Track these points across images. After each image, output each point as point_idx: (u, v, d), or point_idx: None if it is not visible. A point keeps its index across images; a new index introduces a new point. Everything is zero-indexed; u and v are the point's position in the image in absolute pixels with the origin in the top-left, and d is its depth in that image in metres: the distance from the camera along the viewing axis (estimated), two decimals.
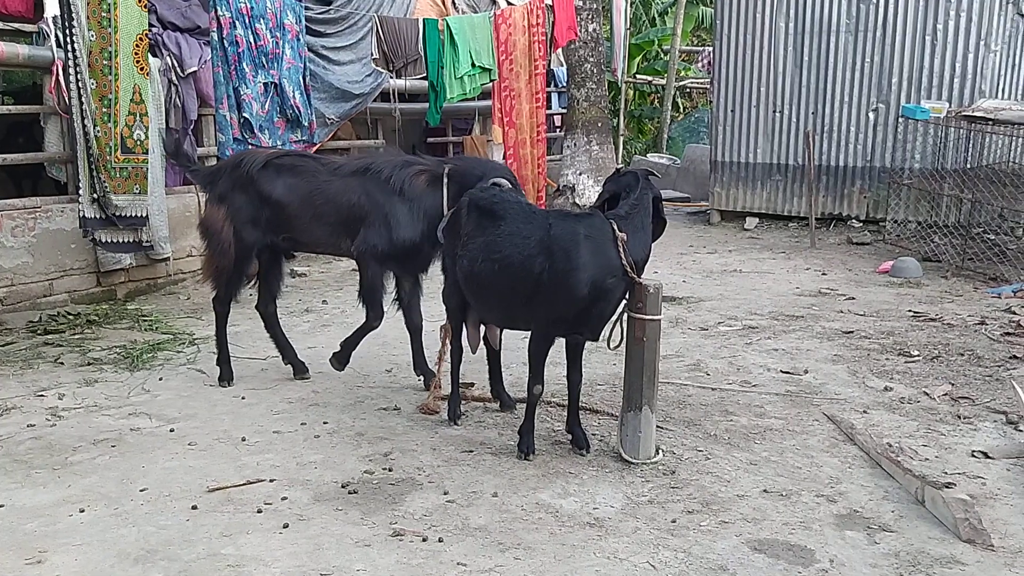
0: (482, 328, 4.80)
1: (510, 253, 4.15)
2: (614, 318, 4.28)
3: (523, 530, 3.57)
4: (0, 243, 7.09)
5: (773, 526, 3.61)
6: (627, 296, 4.21)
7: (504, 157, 11.14)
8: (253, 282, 5.78)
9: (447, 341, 4.99)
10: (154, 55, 7.92)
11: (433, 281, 5.30)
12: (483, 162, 5.73)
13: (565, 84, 13.09)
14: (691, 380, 5.51)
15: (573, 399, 4.40)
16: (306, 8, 8.95)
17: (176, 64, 8.31)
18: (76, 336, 6.67)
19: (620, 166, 4.44)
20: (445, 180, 5.03)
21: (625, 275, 4.07)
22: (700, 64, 20.94)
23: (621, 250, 4.04)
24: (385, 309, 5.39)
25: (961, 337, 6.34)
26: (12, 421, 4.86)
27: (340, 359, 5.45)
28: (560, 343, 4.34)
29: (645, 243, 4.24)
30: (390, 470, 4.16)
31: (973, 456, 4.29)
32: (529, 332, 4.35)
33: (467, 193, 4.54)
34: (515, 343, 5.17)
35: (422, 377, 5.46)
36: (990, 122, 8.92)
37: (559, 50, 12.30)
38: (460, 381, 4.89)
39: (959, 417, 4.81)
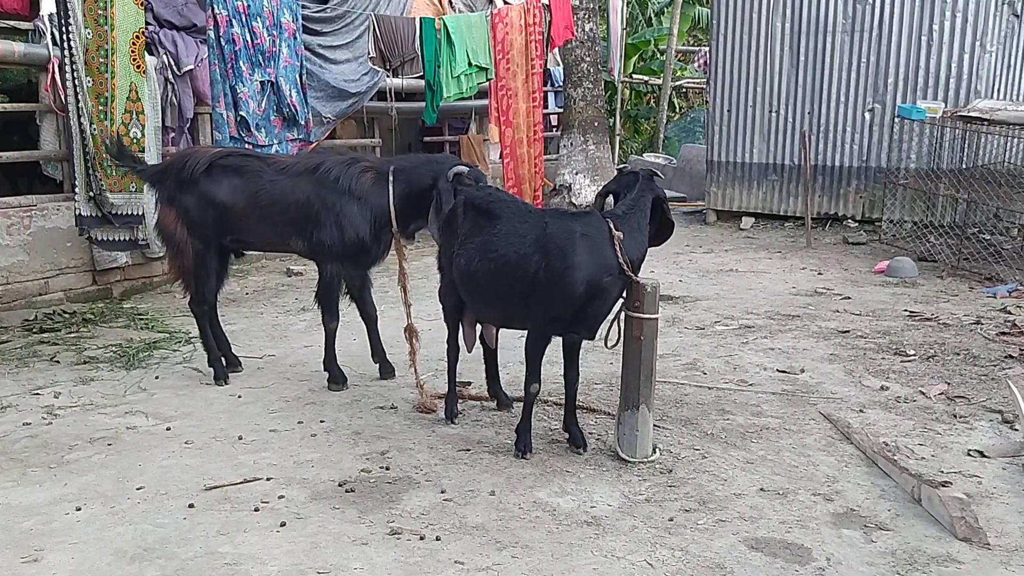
0: (478, 327, 4.80)
1: (506, 252, 4.15)
2: (611, 317, 4.29)
3: (520, 528, 3.57)
4: None
5: (770, 524, 3.61)
6: (623, 295, 4.21)
7: (501, 156, 11.15)
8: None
9: (414, 341, 5.14)
10: (151, 53, 7.90)
11: (430, 280, 5.31)
12: (432, 158, 5.72)
13: (562, 83, 13.09)
14: (688, 379, 5.51)
15: (570, 398, 4.40)
16: (303, 6, 8.94)
17: (172, 62, 8.30)
18: (72, 335, 6.65)
19: (624, 165, 4.42)
20: (391, 178, 5.05)
21: (621, 274, 4.07)
22: (696, 64, 20.96)
23: (618, 249, 4.04)
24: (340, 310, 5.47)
25: (957, 336, 6.35)
26: (8, 419, 4.85)
27: (335, 380, 5.41)
28: (557, 342, 4.34)
29: (641, 243, 4.23)
30: (387, 468, 4.16)
31: (969, 455, 4.30)
32: (525, 331, 4.35)
33: (463, 192, 4.54)
34: (512, 342, 5.17)
35: (379, 364, 5.59)
36: (985, 122, 8.94)
37: (556, 49, 12.31)
38: (457, 380, 4.89)
39: (955, 416, 4.82)
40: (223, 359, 5.66)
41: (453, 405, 4.81)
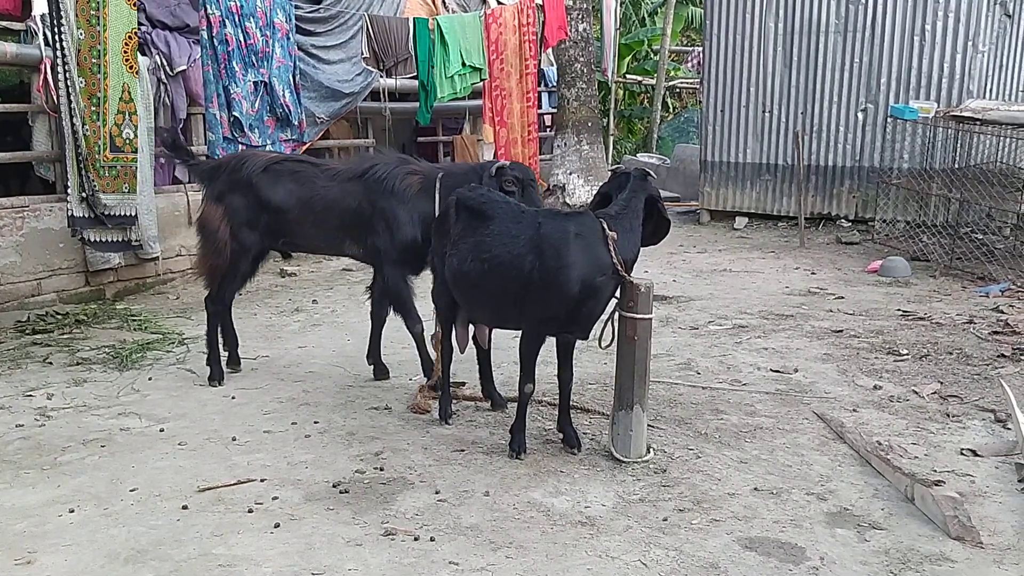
0: (471, 328, 4.80)
1: (500, 252, 4.15)
2: (604, 317, 4.29)
3: (515, 529, 3.57)
4: None
5: (764, 524, 3.62)
6: (617, 295, 4.22)
7: (495, 156, 11.14)
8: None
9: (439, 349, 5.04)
10: (143, 53, 7.89)
11: (426, 281, 5.30)
12: (479, 165, 5.68)
13: (555, 84, 13.10)
14: (682, 379, 5.52)
15: (564, 398, 4.40)
16: (296, 7, 8.93)
17: (165, 63, 8.29)
18: (65, 336, 6.64)
19: (618, 166, 4.40)
20: (438, 184, 5.03)
21: (615, 274, 4.08)
22: (690, 64, 20.99)
23: (611, 249, 4.05)
24: (419, 310, 5.39)
25: (950, 336, 6.37)
26: (1, 421, 4.83)
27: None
28: (551, 342, 4.35)
29: (634, 243, 4.23)
30: (381, 469, 4.16)
31: (962, 454, 4.31)
32: (518, 331, 4.35)
33: (455, 192, 4.53)
34: (506, 342, 5.17)
35: (373, 366, 5.58)
36: (978, 122, 8.96)
37: (549, 50, 12.32)
38: (452, 380, 4.89)
39: (948, 415, 4.83)
40: (230, 355, 5.70)
41: (447, 406, 4.81)
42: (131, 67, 7.31)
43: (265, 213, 5.32)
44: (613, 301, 4.25)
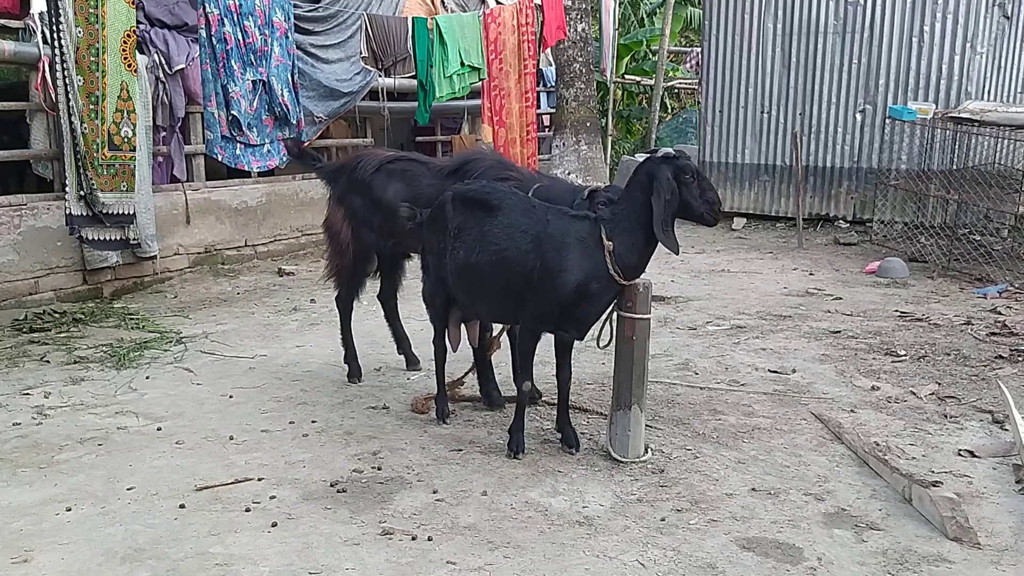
0: (463, 329, 4.80)
1: (507, 245, 4.11)
2: (603, 317, 4.28)
3: (513, 529, 3.57)
4: None
5: (761, 524, 3.62)
6: (616, 300, 4.19)
7: None
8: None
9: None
10: (142, 52, 7.88)
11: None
12: (579, 187, 5.15)
13: (554, 84, 13.09)
14: (680, 379, 5.52)
15: (562, 398, 4.39)
16: (295, 6, 8.92)
17: (164, 61, 8.28)
18: (62, 334, 6.63)
19: (654, 149, 4.09)
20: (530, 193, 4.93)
21: (612, 281, 4.05)
22: (688, 65, 20.98)
23: (608, 258, 4.01)
24: None
25: (947, 337, 6.37)
26: None
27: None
28: (548, 342, 4.34)
29: (634, 245, 4.03)
30: (379, 469, 4.15)
31: (960, 455, 4.31)
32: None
33: (451, 188, 4.51)
34: (506, 342, 5.16)
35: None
36: (976, 123, 8.97)
37: (548, 50, 12.31)
38: (449, 380, 4.89)
39: (946, 416, 4.83)
40: (406, 357, 5.71)
41: (444, 406, 4.80)
42: (130, 65, 7.31)
43: (378, 213, 5.24)
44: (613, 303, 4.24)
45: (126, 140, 7.35)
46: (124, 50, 7.23)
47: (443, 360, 4.80)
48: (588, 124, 12.30)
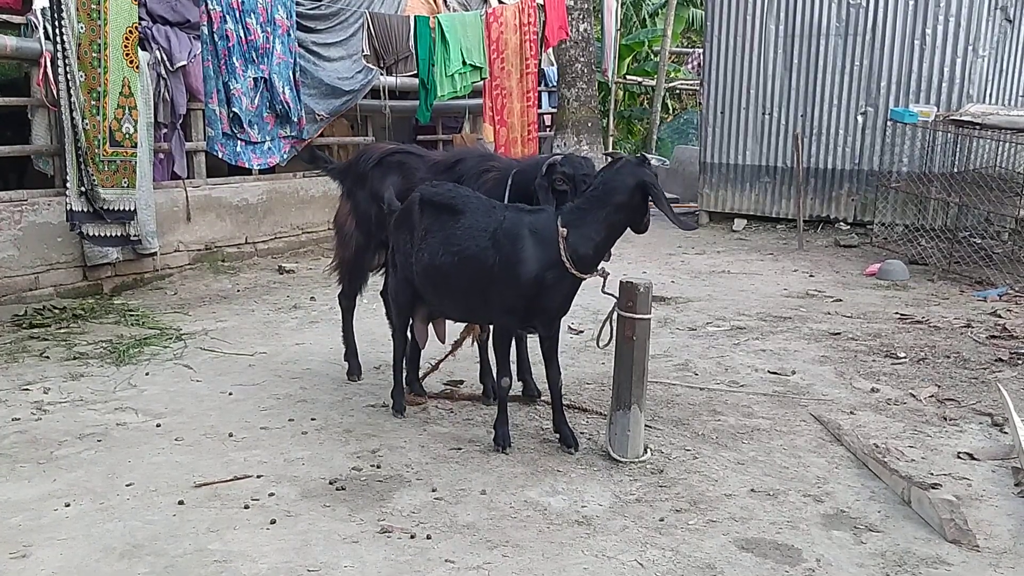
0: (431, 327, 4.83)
1: (468, 245, 4.21)
2: (603, 317, 4.29)
3: (511, 528, 3.57)
4: None
5: (760, 525, 3.62)
6: (575, 292, 4.22)
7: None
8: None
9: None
10: (144, 48, 7.87)
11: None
12: (540, 158, 5.31)
13: (555, 84, 13.10)
14: (679, 380, 5.52)
15: (555, 397, 4.40)
16: (297, 3, 8.92)
17: (165, 58, 8.27)
18: (62, 330, 6.62)
19: (614, 151, 4.19)
20: (509, 181, 4.93)
21: (566, 271, 4.08)
22: (690, 66, 21.00)
23: (561, 246, 4.05)
24: None
25: (947, 340, 6.37)
26: None
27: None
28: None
29: (590, 237, 4.06)
30: (378, 467, 4.15)
31: (959, 457, 4.31)
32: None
33: (418, 189, 4.55)
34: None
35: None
36: (977, 126, 8.96)
37: (550, 50, 12.32)
38: (449, 379, 4.89)
39: (945, 419, 4.83)
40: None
41: (400, 399, 4.87)
42: (131, 62, 7.30)
43: (375, 205, 5.23)
44: (610, 302, 4.24)
45: (127, 136, 7.34)
46: (126, 46, 7.22)
47: (402, 355, 4.87)
48: (589, 124, 12.32)
